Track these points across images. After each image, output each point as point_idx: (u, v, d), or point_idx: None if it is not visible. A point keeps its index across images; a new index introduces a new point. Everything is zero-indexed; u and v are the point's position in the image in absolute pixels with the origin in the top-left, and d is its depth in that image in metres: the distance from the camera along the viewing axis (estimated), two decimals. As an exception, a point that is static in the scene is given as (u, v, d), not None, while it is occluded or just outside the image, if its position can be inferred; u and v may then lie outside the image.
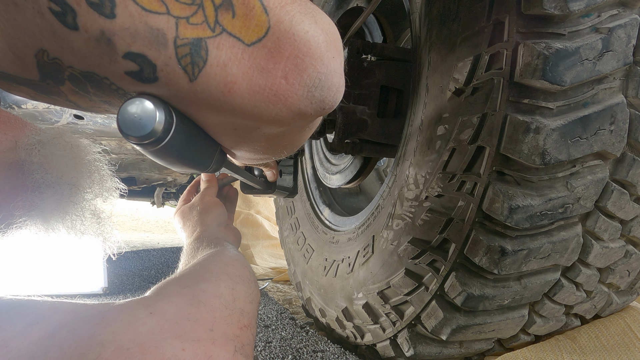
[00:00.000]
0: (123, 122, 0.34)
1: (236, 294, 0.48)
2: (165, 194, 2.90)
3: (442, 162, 0.80)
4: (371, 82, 1.07)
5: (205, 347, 0.37)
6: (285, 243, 1.72)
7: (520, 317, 0.84)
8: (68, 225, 0.44)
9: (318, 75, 0.36)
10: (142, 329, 0.35)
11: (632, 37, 0.66)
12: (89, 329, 0.34)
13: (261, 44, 0.34)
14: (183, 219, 0.82)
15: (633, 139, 0.70)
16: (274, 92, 0.36)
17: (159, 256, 3.01)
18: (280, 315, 1.55)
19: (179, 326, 0.37)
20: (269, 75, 0.35)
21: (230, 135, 0.43)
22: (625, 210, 0.76)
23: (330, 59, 0.37)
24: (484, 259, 0.75)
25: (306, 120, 0.40)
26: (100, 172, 0.47)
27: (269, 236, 3.16)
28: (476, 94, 0.74)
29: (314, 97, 0.37)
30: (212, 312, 0.42)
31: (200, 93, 0.35)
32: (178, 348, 0.35)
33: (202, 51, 0.32)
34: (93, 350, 0.32)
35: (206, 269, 0.51)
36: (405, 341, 0.94)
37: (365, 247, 1.07)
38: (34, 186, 0.41)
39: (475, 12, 0.74)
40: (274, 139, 0.44)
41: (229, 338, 0.41)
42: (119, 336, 0.34)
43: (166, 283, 0.46)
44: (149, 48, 0.31)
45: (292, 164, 0.95)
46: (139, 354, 0.33)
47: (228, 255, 0.59)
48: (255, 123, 0.39)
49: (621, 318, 0.94)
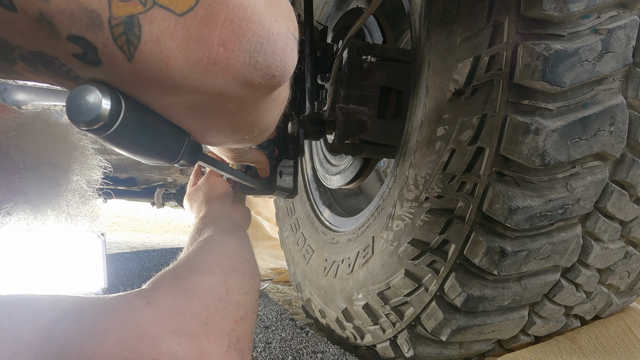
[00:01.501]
0: (69, 107, 0.34)
1: (229, 286, 0.48)
2: (165, 194, 2.90)
3: (442, 163, 0.81)
4: (371, 83, 1.07)
5: (200, 343, 0.38)
6: (285, 244, 1.72)
7: (520, 318, 0.84)
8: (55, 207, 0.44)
9: (258, 39, 0.35)
10: (141, 320, 0.36)
11: (632, 38, 0.66)
12: (91, 317, 0.35)
13: (193, 13, 0.33)
14: (190, 201, 0.84)
15: (633, 140, 0.70)
16: (213, 61, 0.34)
17: (158, 257, 3.01)
18: (280, 316, 1.55)
19: (174, 319, 0.38)
20: (205, 44, 0.34)
21: (188, 116, 0.42)
22: (625, 211, 0.76)
23: (272, 22, 0.35)
24: (483, 260, 0.75)
25: (257, 90, 0.39)
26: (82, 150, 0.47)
27: (269, 237, 3.16)
28: (476, 94, 0.74)
29: (258, 64, 0.36)
30: (207, 306, 0.42)
31: (140, 72, 0.34)
32: (174, 342, 0.36)
33: (135, 28, 0.32)
34: (95, 339, 0.33)
35: (199, 259, 0.51)
36: (405, 342, 0.94)
37: (365, 247, 1.07)
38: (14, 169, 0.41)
39: (475, 13, 0.75)
40: (235, 115, 0.43)
41: (224, 332, 0.41)
42: (119, 326, 0.35)
43: (160, 275, 0.47)
44: (87, 30, 0.31)
45: (292, 164, 0.95)
46: (137, 346, 0.34)
47: (223, 244, 0.59)
48: (204, 97, 0.38)
49: (621, 319, 0.94)
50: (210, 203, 0.78)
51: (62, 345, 0.32)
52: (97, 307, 0.36)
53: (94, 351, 0.32)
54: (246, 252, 0.61)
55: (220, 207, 0.78)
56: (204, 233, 0.66)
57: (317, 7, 1.45)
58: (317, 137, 1.09)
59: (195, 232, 0.69)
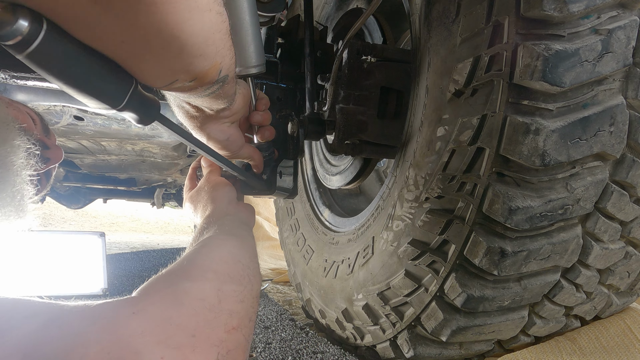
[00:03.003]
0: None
1: (222, 294, 0.46)
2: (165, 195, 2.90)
3: (442, 163, 0.80)
4: (371, 83, 1.07)
5: (185, 356, 0.37)
6: (285, 244, 1.72)
7: (520, 319, 0.84)
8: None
9: None
10: (125, 331, 0.35)
11: (632, 39, 0.66)
12: (75, 326, 0.35)
13: None
14: (193, 203, 0.81)
15: (633, 140, 0.70)
16: None
17: (158, 257, 3.01)
18: (280, 316, 1.55)
19: (160, 329, 0.37)
20: None
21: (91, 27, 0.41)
22: (625, 212, 0.76)
23: None
24: (483, 260, 0.75)
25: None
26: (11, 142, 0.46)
27: (269, 237, 3.15)
28: (476, 95, 0.74)
29: None
30: (195, 316, 0.41)
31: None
32: (157, 355, 0.35)
33: None
34: (78, 351, 0.32)
35: (193, 264, 0.50)
36: (405, 342, 0.94)
37: (365, 248, 1.07)
38: None
39: (474, 13, 0.75)
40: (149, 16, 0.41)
41: (212, 344, 0.40)
42: (102, 336, 0.34)
43: (152, 280, 0.46)
44: None
45: (292, 165, 0.95)
46: (119, 359, 0.33)
47: (221, 248, 0.57)
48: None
49: (621, 319, 0.94)
50: (216, 201, 0.76)
51: (45, 355, 0.32)
52: (81, 315, 0.36)
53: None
54: (246, 256, 0.58)
55: (226, 205, 0.75)
56: (206, 233, 0.64)
57: (317, 8, 1.44)
58: (317, 138, 1.09)
59: (199, 231, 0.67)
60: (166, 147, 1.81)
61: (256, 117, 0.79)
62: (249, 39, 0.68)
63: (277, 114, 0.99)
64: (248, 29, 0.66)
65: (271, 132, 0.83)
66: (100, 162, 2.07)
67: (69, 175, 2.25)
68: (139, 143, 1.78)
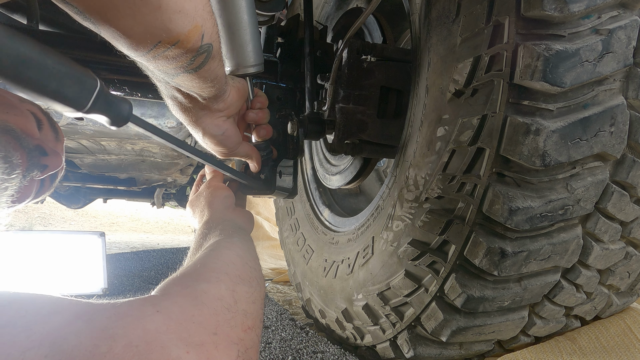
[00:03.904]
0: None
1: (237, 295, 0.47)
2: (165, 194, 2.90)
3: (442, 163, 0.80)
4: (371, 82, 1.07)
5: (208, 352, 0.38)
6: (285, 244, 1.72)
7: (520, 319, 0.84)
8: None
9: None
10: (150, 326, 0.36)
11: (632, 39, 0.65)
12: (102, 322, 0.35)
13: None
14: (193, 207, 0.85)
15: (633, 140, 0.70)
16: None
17: (158, 257, 3.01)
18: (280, 316, 1.55)
19: (183, 327, 0.38)
20: None
21: None
22: (626, 212, 0.76)
23: None
24: (484, 261, 0.75)
25: None
26: None
27: (269, 237, 3.15)
28: (476, 95, 0.74)
29: None
30: (215, 315, 0.42)
31: None
32: (183, 350, 0.36)
33: None
34: (105, 343, 0.33)
35: (207, 267, 0.51)
36: (405, 342, 0.94)
37: (365, 248, 1.07)
38: None
39: (475, 13, 0.74)
40: None
41: (233, 342, 0.41)
42: (128, 331, 0.35)
43: (168, 283, 0.47)
44: None
45: (291, 164, 0.95)
46: (146, 352, 0.34)
47: (230, 251, 0.58)
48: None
49: (621, 319, 0.94)
50: (213, 207, 0.79)
51: (72, 347, 0.33)
52: (108, 312, 0.37)
53: (103, 355, 0.33)
54: (252, 259, 0.60)
55: (222, 211, 0.78)
56: (209, 238, 0.66)
57: (316, 7, 1.44)
58: (317, 137, 1.09)
59: (200, 237, 0.69)
60: (166, 146, 1.81)
61: (251, 115, 0.80)
62: (247, 38, 0.67)
63: (277, 113, 0.99)
64: (246, 28, 0.66)
65: (268, 131, 0.83)
66: (100, 161, 2.07)
67: (69, 175, 2.25)
68: (139, 143, 1.78)
